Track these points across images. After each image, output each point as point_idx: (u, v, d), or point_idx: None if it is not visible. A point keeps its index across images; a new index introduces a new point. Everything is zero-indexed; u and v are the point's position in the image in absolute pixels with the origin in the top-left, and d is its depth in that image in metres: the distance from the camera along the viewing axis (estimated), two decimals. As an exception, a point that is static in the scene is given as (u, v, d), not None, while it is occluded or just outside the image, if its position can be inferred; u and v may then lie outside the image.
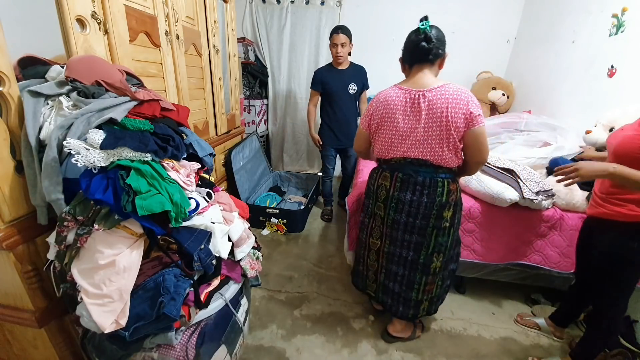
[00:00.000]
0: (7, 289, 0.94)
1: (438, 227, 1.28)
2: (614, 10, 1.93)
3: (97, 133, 0.80)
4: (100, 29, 1.12)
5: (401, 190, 1.28)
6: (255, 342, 1.50)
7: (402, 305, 1.45)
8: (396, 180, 1.29)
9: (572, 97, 2.24)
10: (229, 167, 2.38)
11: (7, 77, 0.81)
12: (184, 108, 1.19)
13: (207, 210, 1.03)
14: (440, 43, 1.21)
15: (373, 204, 1.39)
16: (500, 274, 1.78)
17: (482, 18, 3.07)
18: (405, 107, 1.21)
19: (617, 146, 1.10)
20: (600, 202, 1.20)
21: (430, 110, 1.16)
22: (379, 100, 1.28)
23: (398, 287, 1.44)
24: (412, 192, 1.26)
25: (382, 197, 1.34)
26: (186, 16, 1.73)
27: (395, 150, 1.27)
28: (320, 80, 2.35)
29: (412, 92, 1.20)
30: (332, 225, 2.73)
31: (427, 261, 1.34)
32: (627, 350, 1.43)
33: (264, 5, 3.30)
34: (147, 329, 0.84)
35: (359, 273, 1.60)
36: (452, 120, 1.13)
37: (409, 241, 1.33)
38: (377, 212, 1.39)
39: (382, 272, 1.48)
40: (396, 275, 1.43)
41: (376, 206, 1.38)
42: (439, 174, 1.24)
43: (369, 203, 1.42)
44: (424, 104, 1.17)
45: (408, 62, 1.29)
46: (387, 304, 1.50)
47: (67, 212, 0.80)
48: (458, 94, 1.14)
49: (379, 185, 1.35)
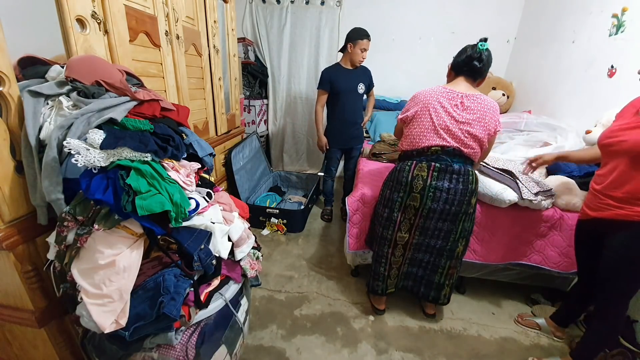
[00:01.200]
0: (7, 289, 0.94)
1: (466, 213, 1.41)
2: (614, 10, 1.93)
3: (97, 133, 0.80)
4: (100, 29, 1.12)
5: (439, 179, 1.37)
6: (255, 342, 1.50)
7: (423, 286, 1.60)
8: (433, 170, 1.37)
9: (572, 97, 2.24)
10: (229, 167, 2.38)
11: (7, 77, 0.81)
12: (184, 108, 1.19)
13: (207, 210, 1.03)
14: (487, 67, 1.38)
15: (406, 196, 1.42)
16: (500, 274, 1.78)
17: (482, 18, 3.08)
18: (450, 102, 1.35)
19: (634, 145, 1.07)
20: (617, 204, 1.14)
21: (472, 111, 1.33)
22: (428, 94, 1.38)
23: (422, 271, 1.58)
24: (449, 180, 1.37)
25: (418, 188, 1.39)
26: (186, 16, 1.73)
27: (435, 138, 1.36)
28: (329, 79, 2.34)
29: (455, 92, 1.36)
30: (332, 225, 2.73)
31: (453, 246, 1.47)
32: (627, 350, 1.43)
33: (264, 5, 3.30)
34: (147, 329, 0.84)
35: (380, 276, 1.60)
36: (489, 122, 1.34)
37: (440, 229, 1.45)
38: (410, 203, 1.42)
39: (405, 263, 1.58)
40: (421, 262, 1.56)
41: (410, 197, 1.41)
42: (467, 164, 1.40)
43: (397, 197, 1.44)
44: (468, 103, 1.34)
45: (456, 71, 1.42)
46: (408, 287, 1.64)
47: (67, 212, 0.80)
48: (493, 103, 1.36)
49: (414, 176, 1.39)
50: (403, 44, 3.30)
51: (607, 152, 1.20)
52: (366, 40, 2.22)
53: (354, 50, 2.25)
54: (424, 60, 3.29)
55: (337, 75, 2.34)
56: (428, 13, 3.14)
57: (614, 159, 1.16)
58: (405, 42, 3.29)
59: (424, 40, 3.26)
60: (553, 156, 1.52)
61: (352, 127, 2.49)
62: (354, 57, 2.28)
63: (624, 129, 1.13)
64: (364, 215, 1.76)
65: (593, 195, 1.25)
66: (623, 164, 1.12)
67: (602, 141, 1.21)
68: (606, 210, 1.18)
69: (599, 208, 1.21)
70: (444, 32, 3.17)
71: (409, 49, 3.30)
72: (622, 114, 1.22)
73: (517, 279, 1.78)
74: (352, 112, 2.44)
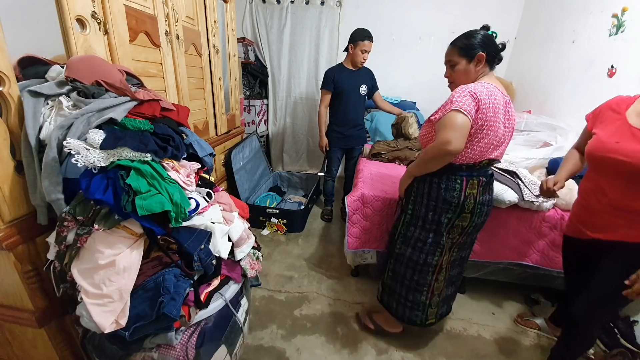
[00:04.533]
0: (7, 289, 0.94)
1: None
2: (614, 10, 1.93)
3: (97, 133, 0.80)
4: (100, 29, 1.12)
5: (484, 194, 1.23)
6: (255, 342, 1.50)
7: (447, 305, 1.49)
8: (480, 184, 1.21)
9: (572, 97, 2.23)
10: (229, 167, 2.38)
11: (7, 77, 0.81)
12: (184, 108, 1.19)
13: (207, 210, 1.03)
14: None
15: (455, 217, 1.22)
16: (500, 274, 1.78)
17: (482, 18, 3.05)
18: (504, 108, 1.13)
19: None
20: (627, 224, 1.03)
21: (512, 117, 1.17)
22: (489, 95, 1.08)
23: (454, 288, 1.47)
24: (490, 193, 1.27)
25: (469, 207, 1.21)
26: (186, 16, 1.73)
27: (492, 152, 1.17)
28: (332, 80, 2.34)
29: (504, 95, 1.15)
30: (332, 225, 2.73)
31: (470, 252, 1.43)
32: (627, 350, 1.43)
33: (264, 5, 3.30)
34: (147, 329, 0.84)
35: (420, 305, 1.38)
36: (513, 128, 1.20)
37: (472, 240, 1.37)
38: (459, 224, 1.24)
39: (445, 287, 1.40)
40: (452, 278, 1.42)
41: (460, 218, 1.22)
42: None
43: (445, 218, 1.22)
44: (510, 109, 1.16)
45: (491, 62, 1.18)
46: (444, 313, 1.49)
47: (67, 212, 0.80)
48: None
49: (466, 195, 1.19)
50: (403, 43, 3.30)
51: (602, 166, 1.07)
52: (367, 41, 2.21)
53: (355, 51, 2.25)
54: (424, 60, 3.28)
55: (340, 75, 2.34)
56: (428, 13, 3.14)
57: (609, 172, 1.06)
58: (405, 41, 3.29)
59: (424, 40, 3.26)
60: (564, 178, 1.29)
61: (354, 127, 2.49)
62: (355, 58, 2.29)
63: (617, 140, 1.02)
64: (363, 215, 1.76)
65: (591, 212, 1.13)
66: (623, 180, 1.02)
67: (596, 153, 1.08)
68: (613, 231, 1.06)
69: (604, 229, 1.09)
70: (444, 31, 3.16)
71: (409, 49, 3.30)
72: (602, 119, 1.13)
73: (517, 279, 1.78)
74: (354, 113, 2.45)
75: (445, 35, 3.20)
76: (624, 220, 1.04)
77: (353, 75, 2.36)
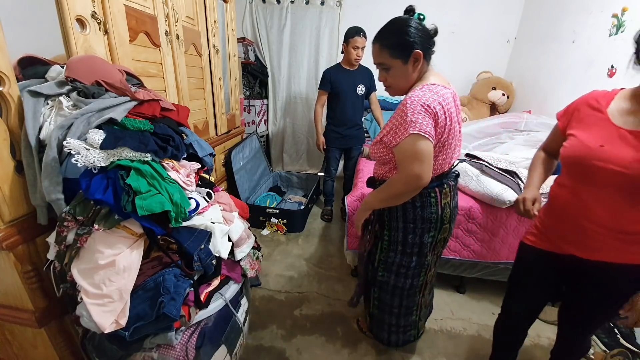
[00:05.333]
0: (7, 289, 0.94)
1: None
2: (614, 10, 1.93)
3: (97, 133, 0.80)
4: (100, 29, 1.12)
5: (453, 198, 1.15)
6: (255, 342, 1.50)
7: (430, 307, 1.46)
8: (451, 190, 1.14)
9: (572, 97, 2.18)
10: (229, 167, 2.38)
11: (7, 77, 0.81)
12: (184, 108, 1.19)
13: (207, 210, 1.03)
14: None
15: (437, 233, 1.14)
16: (500, 274, 1.78)
17: (482, 18, 3.07)
18: (454, 104, 1.03)
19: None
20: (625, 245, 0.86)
21: (459, 108, 1.06)
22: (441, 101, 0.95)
23: (433, 290, 1.45)
24: (457, 193, 1.20)
25: (447, 217, 1.14)
26: (186, 16, 1.73)
27: (455, 154, 1.10)
28: (329, 80, 2.34)
29: (451, 90, 1.03)
30: (332, 225, 2.73)
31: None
32: (627, 350, 1.42)
33: (264, 5, 3.30)
34: (147, 329, 0.84)
35: (412, 325, 1.35)
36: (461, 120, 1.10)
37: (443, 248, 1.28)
38: (441, 237, 1.17)
39: (428, 294, 1.37)
40: (432, 282, 1.37)
41: (441, 231, 1.15)
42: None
43: (428, 238, 1.13)
44: (457, 99, 1.05)
45: (428, 57, 1.04)
46: (427, 316, 1.45)
47: (67, 212, 0.80)
48: None
49: (443, 207, 1.11)
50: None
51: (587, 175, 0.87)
52: (358, 37, 2.18)
53: (348, 49, 2.25)
54: (424, 60, 3.28)
55: (337, 75, 2.34)
56: (428, 13, 3.10)
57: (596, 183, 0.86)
58: (405, 42, 3.28)
59: (424, 40, 3.26)
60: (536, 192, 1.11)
61: (352, 127, 2.49)
62: (348, 56, 2.28)
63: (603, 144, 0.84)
64: (363, 215, 1.76)
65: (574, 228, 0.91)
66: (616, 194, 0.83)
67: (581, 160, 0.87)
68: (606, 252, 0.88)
69: (596, 250, 0.89)
70: (444, 32, 3.14)
71: (409, 49, 3.30)
72: (579, 118, 0.97)
73: (517, 279, 1.78)
74: (352, 113, 2.44)
75: (445, 35, 3.19)
76: (619, 242, 0.86)
77: (350, 76, 2.35)
